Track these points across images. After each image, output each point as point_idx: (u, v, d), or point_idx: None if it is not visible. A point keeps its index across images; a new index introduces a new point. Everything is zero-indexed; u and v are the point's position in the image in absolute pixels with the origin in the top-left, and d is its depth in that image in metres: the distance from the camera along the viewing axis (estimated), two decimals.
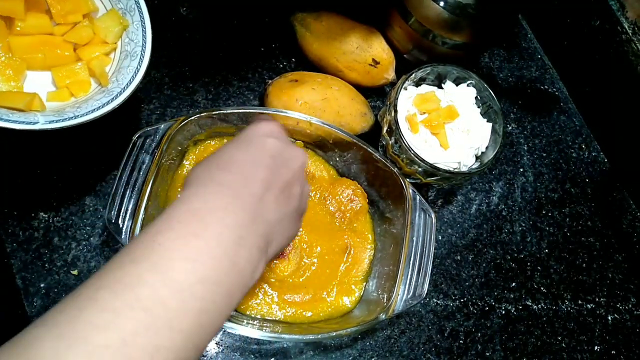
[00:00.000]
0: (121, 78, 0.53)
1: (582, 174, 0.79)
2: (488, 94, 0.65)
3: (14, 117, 0.47)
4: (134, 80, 0.53)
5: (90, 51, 0.57)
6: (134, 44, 0.55)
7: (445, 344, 0.68)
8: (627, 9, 0.70)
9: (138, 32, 0.55)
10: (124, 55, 0.55)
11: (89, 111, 0.50)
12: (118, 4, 0.55)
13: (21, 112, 0.49)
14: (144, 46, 0.54)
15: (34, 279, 0.61)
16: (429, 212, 0.61)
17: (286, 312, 0.61)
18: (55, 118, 0.48)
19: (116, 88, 0.53)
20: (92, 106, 0.50)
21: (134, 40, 0.55)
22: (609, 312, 0.73)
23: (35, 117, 0.48)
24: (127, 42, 0.55)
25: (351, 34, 0.68)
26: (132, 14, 0.55)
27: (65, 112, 0.50)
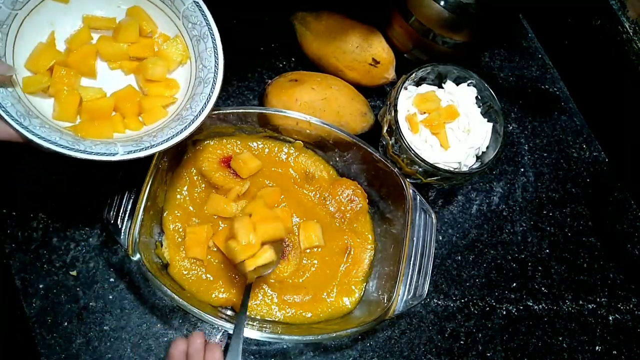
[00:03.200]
0: (194, 105, 0.53)
1: (583, 173, 0.79)
2: (489, 93, 0.65)
3: (96, 149, 0.47)
4: (207, 107, 0.52)
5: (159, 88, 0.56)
6: (207, 70, 0.54)
7: (446, 344, 0.67)
8: (627, 9, 0.70)
9: (211, 59, 0.54)
10: (198, 82, 0.54)
11: (165, 140, 0.50)
12: (192, 30, 0.55)
13: (102, 142, 0.49)
14: (216, 73, 0.54)
15: (33, 280, 0.60)
16: (429, 213, 0.61)
17: (286, 312, 0.61)
18: (133, 148, 0.48)
19: (189, 115, 0.52)
20: (167, 134, 0.50)
21: (207, 67, 0.54)
22: (610, 312, 0.73)
23: (115, 148, 0.48)
24: (201, 68, 0.55)
25: (351, 34, 0.68)
26: (206, 40, 0.54)
27: (143, 142, 0.50)
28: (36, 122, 0.47)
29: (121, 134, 0.53)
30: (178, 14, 0.55)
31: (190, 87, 0.55)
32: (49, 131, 0.47)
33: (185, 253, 0.60)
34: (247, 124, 0.64)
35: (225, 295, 0.59)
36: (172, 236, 0.60)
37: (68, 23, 0.54)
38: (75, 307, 0.60)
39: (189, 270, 0.59)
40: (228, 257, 0.56)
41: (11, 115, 0.45)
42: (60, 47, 0.54)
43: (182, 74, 0.57)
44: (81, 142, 0.47)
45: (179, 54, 0.56)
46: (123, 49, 0.55)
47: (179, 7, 0.55)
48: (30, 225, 0.62)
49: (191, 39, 0.56)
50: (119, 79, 0.56)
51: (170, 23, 0.56)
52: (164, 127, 0.53)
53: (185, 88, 0.56)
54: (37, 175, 0.64)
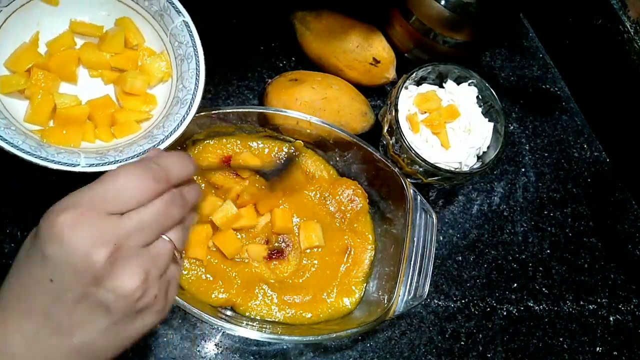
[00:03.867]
0: (167, 124, 0.52)
1: (584, 173, 0.79)
2: (489, 93, 0.65)
3: (58, 158, 0.46)
4: (179, 128, 0.51)
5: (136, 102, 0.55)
6: (186, 91, 0.53)
7: (446, 345, 0.67)
8: (628, 8, 0.69)
9: (192, 80, 0.53)
10: (175, 102, 0.53)
11: (130, 156, 0.48)
12: (178, 49, 0.54)
13: (66, 151, 0.48)
14: (195, 95, 0.52)
15: None
16: (430, 213, 0.61)
17: (286, 313, 0.60)
18: (96, 161, 0.47)
19: (160, 134, 0.51)
20: (134, 151, 0.49)
21: (186, 88, 0.53)
22: (610, 313, 0.73)
23: (77, 159, 0.47)
24: (181, 88, 0.54)
25: (351, 33, 0.68)
26: (189, 61, 0.54)
27: (108, 155, 0.48)
28: (1, 123, 0.46)
29: (88, 145, 0.52)
30: (166, 30, 0.55)
31: (167, 105, 0.54)
32: (13, 133, 0.46)
33: (185, 253, 0.59)
34: (247, 124, 0.63)
35: (225, 295, 0.59)
36: None
37: (55, 26, 0.54)
38: None
39: (188, 270, 0.59)
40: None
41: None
42: (42, 50, 0.53)
43: (161, 91, 0.56)
44: (44, 149, 0.46)
45: (161, 71, 0.55)
46: (106, 58, 0.54)
47: (168, 24, 0.54)
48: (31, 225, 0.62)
49: (175, 58, 0.55)
50: (98, 87, 0.56)
51: (158, 38, 0.56)
52: (132, 143, 0.51)
53: (162, 106, 0.55)
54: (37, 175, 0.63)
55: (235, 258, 0.61)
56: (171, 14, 0.54)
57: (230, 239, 0.60)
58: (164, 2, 0.54)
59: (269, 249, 0.62)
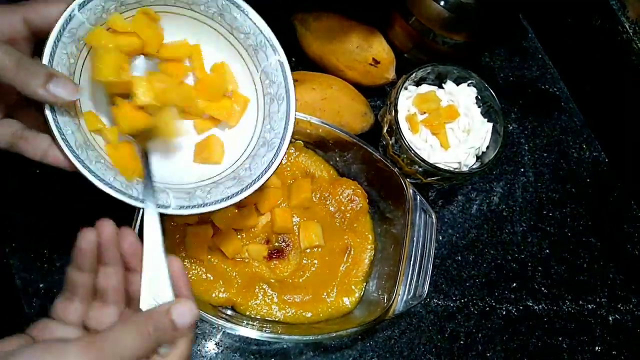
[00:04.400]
0: (254, 167, 0.49)
1: (583, 174, 0.79)
2: (489, 93, 0.65)
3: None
4: (267, 172, 0.48)
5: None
6: (274, 133, 0.50)
7: (446, 344, 0.67)
8: (627, 9, 0.70)
9: (281, 123, 0.50)
10: (262, 142, 0.50)
11: (219, 200, 0.46)
12: (268, 88, 0.51)
13: (155, 189, 0.45)
14: (283, 139, 0.49)
15: (33, 280, 0.60)
16: (429, 213, 0.61)
17: (286, 312, 0.61)
18: (186, 203, 0.45)
19: (247, 177, 0.48)
20: (222, 194, 0.47)
21: (274, 130, 0.50)
22: (609, 312, 0.73)
23: (167, 200, 0.44)
24: (268, 129, 0.50)
25: (351, 34, 0.68)
26: (280, 103, 0.50)
27: (195, 197, 0.46)
28: (92, 155, 0.43)
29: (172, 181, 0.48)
30: (258, 67, 0.51)
31: (252, 145, 0.51)
32: (103, 168, 0.43)
33: (185, 253, 0.60)
34: None
35: (225, 294, 0.59)
36: (172, 236, 0.60)
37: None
38: None
39: (189, 270, 0.60)
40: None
41: (69, 145, 0.41)
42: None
43: (243, 128, 0.53)
44: (134, 187, 0.44)
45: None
46: (201, 106, 0.51)
47: (262, 60, 0.51)
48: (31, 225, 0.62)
49: (264, 96, 0.52)
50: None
51: (247, 74, 0.52)
52: (218, 183, 0.49)
53: (246, 144, 0.52)
54: (38, 175, 0.64)
55: (236, 258, 0.61)
56: (267, 51, 0.51)
57: (231, 239, 0.60)
58: (261, 38, 0.50)
59: (269, 249, 0.62)
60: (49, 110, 0.40)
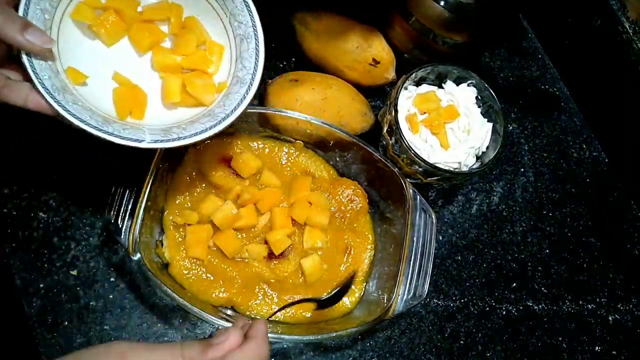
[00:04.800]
0: (228, 103, 0.53)
1: (583, 173, 0.79)
2: (488, 93, 0.65)
3: (124, 133, 0.47)
4: (240, 106, 0.52)
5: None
6: (245, 70, 0.54)
7: (446, 344, 0.67)
8: (627, 9, 0.70)
9: (251, 60, 0.54)
10: (235, 81, 0.54)
11: (193, 134, 0.50)
12: (237, 29, 0.55)
13: (131, 127, 0.49)
14: (254, 74, 0.54)
15: (33, 279, 0.60)
16: (429, 212, 0.61)
17: (286, 312, 0.61)
18: (161, 138, 0.49)
19: (221, 112, 0.52)
20: (196, 128, 0.50)
21: (246, 67, 0.54)
22: (609, 312, 0.73)
23: (142, 135, 0.48)
24: (240, 68, 0.55)
25: (351, 34, 0.68)
26: (249, 40, 0.54)
27: (171, 132, 0.50)
28: (69, 98, 0.47)
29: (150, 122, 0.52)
30: (226, 11, 0.55)
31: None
32: (80, 109, 0.46)
33: (186, 253, 0.60)
34: (247, 124, 0.64)
35: (225, 295, 0.59)
36: (172, 236, 0.61)
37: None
38: (76, 306, 0.60)
39: (189, 270, 0.60)
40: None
41: (46, 89, 0.45)
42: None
43: (220, 70, 0.56)
44: (110, 125, 0.47)
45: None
46: (177, 61, 0.55)
47: (228, 4, 0.55)
48: (31, 225, 0.62)
49: (235, 37, 0.55)
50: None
51: (217, 20, 0.56)
52: (194, 121, 0.52)
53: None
54: (38, 175, 0.64)
55: (236, 258, 0.61)
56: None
57: (231, 239, 0.60)
58: None
59: (269, 249, 0.62)
60: (25, 57, 0.45)
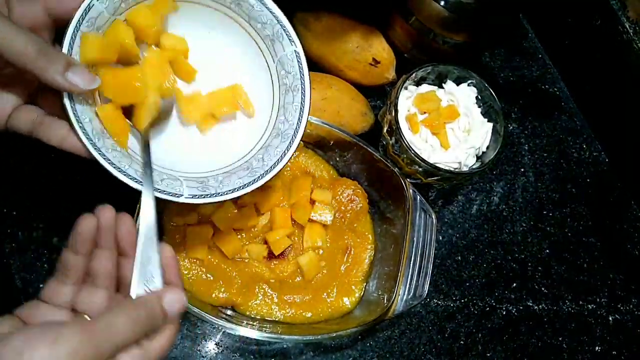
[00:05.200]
0: (267, 158, 0.49)
1: (583, 174, 0.79)
2: (489, 93, 0.65)
3: (162, 186, 0.44)
4: (279, 163, 0.48)
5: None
6: (288, 124, 0.50)
7: (446, 344, 0.67)
8: (628, 9, 0.70)
9: (295, 114, 0.50)
10: (275, 133, 0.50)
11: (231, 190, 0.47)
12: (284, 78, 0.51)
13: (168, 178, 0.46)
14: (297, 130, 0.49)
15: (33, 280, 0.60)
16: (429, 213, 0.61)
17: (286, 312, 0.61)
18: (198, 192, 0.46)
19: (260, 168, 0.49)
20: (234, 184, 0.47)
21: (288, 121, 0.50)
22: (610, 312, 0.73)
23: (180, 189, 0.45)
24: (282, 120, 0.51)
25: (351, 34, 0.68)
26: (295, 93, 0.50)
27: (208, 186, 0.47)
28: (109, 144, 0.44)
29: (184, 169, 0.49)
30: (274, 57, 0.52)
31: (266, 136, 0.51)
32: (119, 157, 0.44)
33: (186, 253, 0.60)
34: None
35: (225, 295, 0.59)
36: (172, 236, 0.60)
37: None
38: None
39: (189, 270, 0.60)
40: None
41: (86, 134, 0.42)
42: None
43: (259, 119, 0.53)
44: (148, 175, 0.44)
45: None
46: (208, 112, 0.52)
47: (278, 51, 0.51)
48: (30, 225, 0.62)
49: (280, 87, 0.52)
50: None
51: (263, 64, 0.52)
52: (230, 173, 0.49)
53: (260, 135, 0.52)
54: (38, 175, 0.64)
55: (236, 258, 0.61)
56: (283, 42, 0.51)
57: (231, 239, 0.60)
58: (278, 28, 0.51)
59: (269, 249, 0.62)
60: (67, 98, 0.41)
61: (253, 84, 0.53)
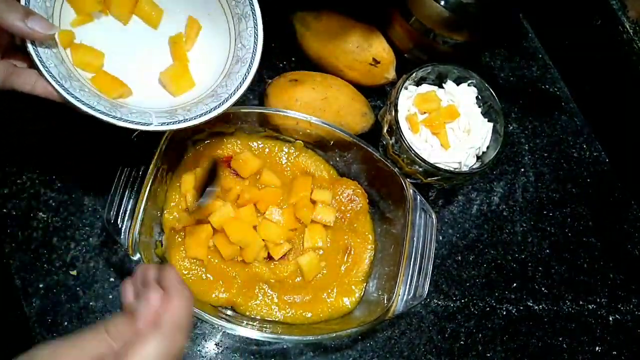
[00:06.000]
0: (230, 83, 0.54)
1: (584, 173, 0.79)
2: (489, 93, 0.65)
3: (132, 117, 0.48)
4: (242, 86, 0.53)
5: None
6: (245, 50, 0.55)
7: (446, 344, 0.67)
8: (628, 9, 0.70)
9: (250, 39, 0.55)
10: (235, 60, 0.55)
11: (198, 115, 0.51)
12: (235, 8, 0.55)
13: (138, 111, 0.50)
14: (254, 53, 0.54)
15: (33, 279, 0.60)
16: (429, 213, 0.61)
17: (286, 312, 0.61)
18: (167, 120, 0.50)
19: (224, 93, 0.53)
20: (201, 110, 0.51)
21: (245, 47, 0.55)
22: (610, 312, 0.73)
23: (149, 118, 0.49)
24: (240, 47, 0.55)
25: (351, 33, 0.68)
26: (247, 19, 0.55)
27: (177, 114, 0.51)
28: (76, 85, 0.47)
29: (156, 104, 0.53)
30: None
31: (228, 64, 0.56)
32: (88, 95, 0.47)
33: (185, 253, 0.60)
34: (247, 124, 0.64)
35: (225, 295, 0.59)
36: (172, 236, 0.60)
37: None
38: (75, 306, 0.60)
39: (189, 270, 0.59)
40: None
41: (53, 76, 0.45)
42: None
43: (219, 48, 0.57)
44: (117, 110, 0.48)
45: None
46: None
47: None
48: (30, 225, 0.62)
49: (233, 17, 0.56)
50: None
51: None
52: (198, 102, 0.53)
53: (222, 64, 0.56)
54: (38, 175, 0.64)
55: (236, 258, 0.61)
56: None
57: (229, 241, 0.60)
58: None
59: None
60: (31, 45, 0.45)
61: (210, 23, 0.57)
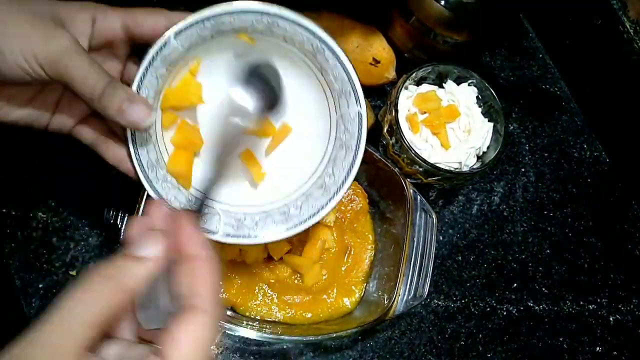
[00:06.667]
0: (337, 172, 0.49)
1: (584, 174, 0.79)
2: (489, 93, 0.65)
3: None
4: (349, 176, 0.49)
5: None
6: (333, 180, 0.50)
7: (446, 345, 0.67)
8: (628, 8, 0.69)
9: (342, 173, 0.49)
10: (319, 184, 0.51)
11: (312, 214, 0.48)
12: (342, 134, 0.50)
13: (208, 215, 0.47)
14: (340, 188, 0.49)
15: (33, 280, 0.60)
16: (429, 213, 0.61)
17: (286, 313, 0.61)
18: (232, 232, 0.48)
19: (332, 184, 0.49)
20: (313, 206, 0.48)
21: (334, 176, 0.50)
22: (610, 313, 0.73)
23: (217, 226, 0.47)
24: (329, 173, 0.50)
25: (351, 33, 0.68)
26: (348, 152, 0.50)
27: (243, 226, 0.48)
28: (160, 175, 0.46)
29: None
30: (338, 110, 0.50)
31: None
32: (168, 188, 0.46)
33: None
34: None
35: (225, 295, 0.59)
36: None
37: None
38: None
39: None
40: None
41: (141, 165, 0.44)
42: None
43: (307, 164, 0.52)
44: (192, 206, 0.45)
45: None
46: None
47: (342, 106, 0.50)
48: (30, 225, 0.62)
49: (335, 140, 0.51)
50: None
51: (326, 111, 0.51)
52: (267, 214, 0.49)
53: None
54: (37, 175, 0.64)
55: (236, 258, 0.61)
56: (349, 100, 0.49)
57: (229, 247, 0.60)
58: (348, 87, 0.48)
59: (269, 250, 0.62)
60: (129, 131, 0.43)
61: (311, 127, 0.52)
